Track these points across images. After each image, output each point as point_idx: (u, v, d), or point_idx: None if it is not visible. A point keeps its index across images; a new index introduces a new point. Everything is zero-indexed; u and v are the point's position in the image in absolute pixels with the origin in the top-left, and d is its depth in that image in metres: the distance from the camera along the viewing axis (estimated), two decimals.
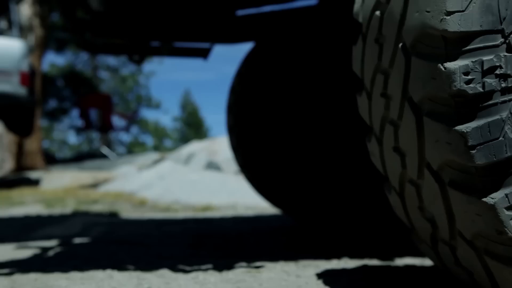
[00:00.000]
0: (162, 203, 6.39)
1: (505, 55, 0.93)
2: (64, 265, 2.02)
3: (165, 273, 1.81)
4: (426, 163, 1.06)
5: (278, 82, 3.50)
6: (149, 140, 32.70)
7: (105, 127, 13.76)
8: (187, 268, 1.94)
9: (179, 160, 8.16)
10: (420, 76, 1.01)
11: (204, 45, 3.71)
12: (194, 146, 8.72)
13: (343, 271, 1.77)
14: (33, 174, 9.50)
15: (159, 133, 31.78)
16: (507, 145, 0.93)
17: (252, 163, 3.58)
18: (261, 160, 3.51)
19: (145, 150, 27.75)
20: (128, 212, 5.61)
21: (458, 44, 0.95)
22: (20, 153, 10.62)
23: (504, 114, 0.93)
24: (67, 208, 5.89)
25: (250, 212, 5.40)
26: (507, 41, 0.93)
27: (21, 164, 10.63)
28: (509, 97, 0.93)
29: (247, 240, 3.06)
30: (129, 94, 30.76)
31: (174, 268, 1.91)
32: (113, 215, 5.25)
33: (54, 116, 26.13)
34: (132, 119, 22.74)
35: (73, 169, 10.85)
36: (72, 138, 30.66)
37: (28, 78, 7.57)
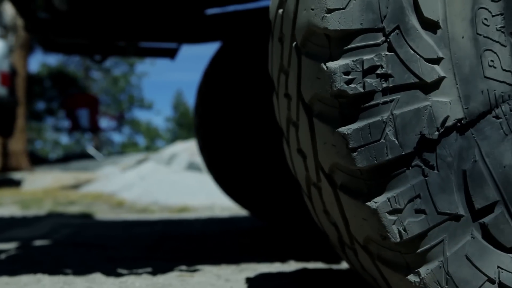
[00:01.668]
0: (140, 204, 6.35)
1: (386, 54, 0.90)
2: (0, 269, 1.98)
3: (96, 277, 1.77)
4: (320, 166, 1.03)
5: (243, 83, 3.47)
6: (141, 140, 32.61)
7: (92, 128, 13.68)
8: (124, 271, 1.90)
9: (162, 161, 8.12)
10: (309, 76, 0.98)
11: (171, 45, 3.67)
12: (177, 147, 8.68)
13: (277, 274, 1.73)
14: (16, 175, 9.43)
15: (151, 134, 31.70)
16: (388, 147, 0.90)
17: (218, 164, 3.55)
18: (226, 161, 3.48)
19: (137, 150, 27.66)
20: (104, 214, 5.57)
21: (340, 43, 0.92)
22: (4, 154, 10.55)
23: (385, 115, 0.90)
24: (43, 209, 5.83)
25: (225, 213, 5.37)
26: (388, 39, 0.90)
27: (6, 164, 10.56)
28: (391, 98, 0.90)
29: (208, 242, 3.03)
30: (121, 94, 30.66)
31: (110, 272, 1.88)
32: (87, 217, 5.20)
33: (40, 117, 26.03)
34: (120, 120, 22.65)
35: (58, 170, 10.78)
36: (65, 139, 30.52)
37: (9, 78, 7.51)
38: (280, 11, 1.13)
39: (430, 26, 0.91)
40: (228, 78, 3.48)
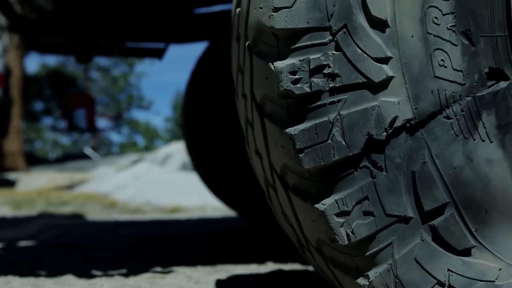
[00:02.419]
0: (133, 204, 6.34)
1: (333, 54, 0.88)
2: None
3: (67, 279, 1.76)
4: (273, 167, 1.01)
5: (230, 83, 3.45)
6: (140, 140, 32.59)
7: (89, 128, 13.67)
8: (98, 273, 1.89)
9: (156, 161, 8.10)
10: (259, 76, 0.96)
11: (159, 45, 3.66)
12: (172, 147, 8.66)
13: (249, 276, 1.72)
14: (11, 175, 9.42)
15: (150, 134, 31.69)
16: (335, 148, 0.88)
17: (205, 164, 3.55)
18: (212, 161, 3.47)
19: (136, 150, 27.63)
20: (95, 214, 5.55)
21: (287, 42, 0.90)
22: (0, 154, 10.54)
23: (332, 116, 0.88)
24: (35, 210, 5.82)
25: (217, 214, 5.35)
26: (335, 39, 0.88)
27: (2, 165, 10.55)
28: (338, 98, 0.88)
29: (192, 243, 3.02)
30: (120, 94, 30.65)
31: (84, 274, 1.86)
32: (78, 217, 5.19)
33: (39, 117, 26.03)
34: (116, 119, 22.64)
35: (54, 170, 10.77)
36: (65, 139, 30.50)
37: (2, 78, 7.50)
38: (238, 10, 1.12)
39: (378, 25, 0.89)
40: (215, 78, 3.47)
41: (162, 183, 6.89)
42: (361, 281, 0.92)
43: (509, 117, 0.93)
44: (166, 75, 66.93)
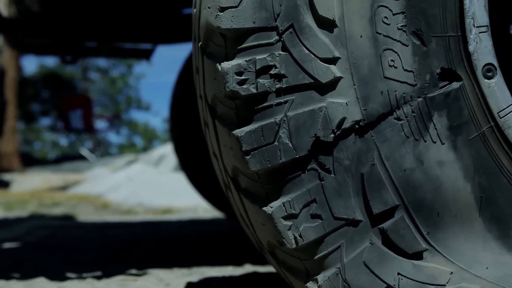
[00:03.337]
0: (125, 205, 6.33)
1: (280, 54, 0.87)
2: None
3: (39, 281, 1.74)
4: (226, 169, 1.00)
5: None
6: (139, 141, 32.57)
7: (86, 129, 13.65)
8: (72, 275, 1.88)
9: (151, 162, 8.09)
10: (209, 77, 0.95)
11: (146, 46, 3.64)
12: (167, 148, 8.64)
13: (222, 278, 1.71)
14: (6, 176, 9.40)
15: (149, 135, 31.68)
16: (281, 150, 0.87)
17: (191, 165, 3.54)
18: (198, 161, 3.46)
19: (135, 151, 27.61)
20: (87, 215, 5.54)
21: (234, 42, 0.89)
22: None
23: (279, 117, 0.87)
24: (26, 211, 5.81)
25: (208, 215, 5.34)
26: (282, 39, 0.87)
27: None
28: (285, 99, 0.87)
29: (176, 244, 3.01)
30: (119, 95, 30.63)
31: (57, 276, 1.85)
32: (68, 218, 5.18)
33: (37, 118, 26.01)
34: (113, 120, 22.62)
35: (50, 171, 10.75)
36: (64, 140, 30.49)
37: None
38: (194, 10, 1.10)
39: (326, 24, 0.88)
40: None
41: (155, 184, 6.88)
42: (310, 285, 0.90)
43: (462, 118, 0.92)
44: (165, 76, 66.91)
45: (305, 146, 0.87)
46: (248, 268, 1.97)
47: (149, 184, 6.94)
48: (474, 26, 0.93)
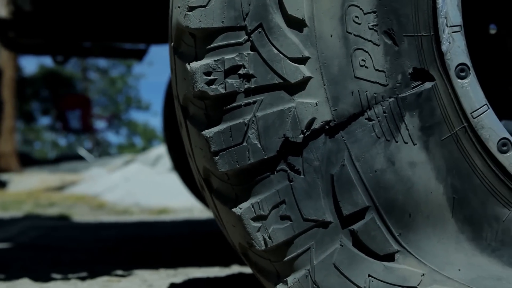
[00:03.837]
0: (121, 205, 6.32)
1: (249, 54, 0.86)
2: None
3: (22, 282, 1.74)
4: (199, 170, 0.99)
5: None
6: (139, 141, 32.55)
7: (84, 129, 13.65)
8: (57, 276, 1.87)
9: (148, 162, 8.08)
10: (180, 77, 0.94)
11: (139, 46, 3.63)
12: (163, 148, 8.63)
13: (206, 279, 1.70)
14: (3, 176, 9.39)
15: (148, 135, 31.65)
16: (250, 151, 0.86)
17: (183, 165, 3.53)
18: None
19: (135, 151, 27.58)
20: (82, 216, 5.54)
21: (203, 42, 0.88)
22: None
23: (248, 118, 0.86)
24: (22, 211, 5.80)
25: (203, 216, 5.33)
26: (250, 38, 0.86)
27: None
28: (254, 99, 0.86)
29: (167, 245, 3.00)
30: (118, 95, 30.61)
31: (42, 277, 1.84)
32: (63, 219, 5.17)
33: (36, 118, 26.01)
34: (110, 120, 22.61)
35: (48, 171, 10.75)
36: (63, 140, 30.48)
37: None
38: (169, 10, 1.10)
39: (296, 24, 0.87)
40: None
41: (151, 184, 6.87)
42: (280, 287, 0.90)
43: (434, 119, 0.91)
44: (165, 76, 66.79)
45: (274, 147, 0.86)
46: (234, 269, 1.96)
47: (145, 184, 6.93)
48: (447, 26, 0.92)
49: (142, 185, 6.96)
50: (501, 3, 1.20)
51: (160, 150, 8.44)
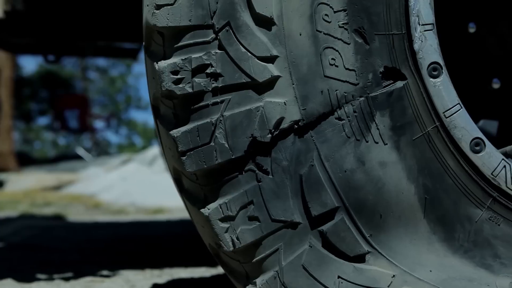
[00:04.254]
0: (117, 205, 6.31)
1: (216, 53, 0.85)
2: None
3: (6, 283, 1.73)
4: (170, 169, 0.98)
5: None
6: (139, 141, 32.54)
7: (81, 129, 13.65)
8: (42, 276, 1.86)
9: (144, 162, 8.08)
10: (150, 76, 0.93)
11: (133, 45, 3.62)
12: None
13: (190, 280, 1.69)
14: (1, 176, 9.38)
15: (148, 134, 31.64)
16: (217, 151, 0.85)
17: None
18: None
19: (135, 151, 27.56)
20: (77, 215, 5.53)
21: (171, 41, 0.87)
22: None
23: (215, 117, 0.85)
24: (17, 211, 5.79)
25: None
26: (218, 37, 0.85)
27: None
28: (221, 99, 0.85)
29: (158, 245, 3.00)
30: (118, 95, 30.59)
31: (26, 278, 1.84)
32: (58, 218, 5.16)
33: (35, 118, 26.02)
34: (109, 120, 22.60)
35: (46, 170, 10.74)
36: (62, 139, 30.47)
37: None
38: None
39: (264, 22, 0.86)
40: None
41: (148, 183, 6.86)
42: None
43: (405, 118, 0.90)
44: None
45: (242, 147, 0.85)
46: (221, 270, 1.95)
47: (142, 184, 6.92)
48: (419, 24, 0.91)
49: (138, 184, 6.96)
50: (480, 1, 1.19)
51: (157, 150, 8.44)
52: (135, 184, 7.00)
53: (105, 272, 1.90)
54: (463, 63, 1.20)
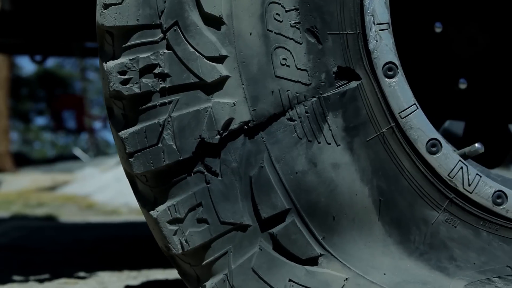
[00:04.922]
0: (110, 206, 6.29)
1: (164, 52, 0.83)
2: None
3: None
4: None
5: None
6: None
7: (78, 129, 13.64)
8: (17, 278, 1.85)
9: None
10: (101, 77, 0.92)
11: None
12: None
13: (164, 281, 1.68)
14: None
15: None
16: (165, 152, 0.84)
17: None
18: None
19: None
20: (70, 216, 5.51)
21: (119, 40, 0.86)
22: None
23: (163, 118, 0.84)
24: (10, 211, 5.78)
25: None
26: (166, 36, 0.84)
27: None
28: (169, 99, 0.84)
29: (144, 246, 2.98)
30: None
31: (4, 279, 1.82)
32: (50, 219, 5.15)
33: (34, 118, 26.03)
34: (105, 120, 22.55)
35: (42, 171, 10.72)
36: (62, 139, 30.48)
37: None
38: None
39: (213, 22, 0.84)
40: None
41: None
42: None
43: (359, 119, 0.89)
44: None
45: (190, 148, 0.83)
46: None
47: None
48: (374, 24, 0.89)
49: None
50: (447, 1, 1.18)
51: None
52: (129, 185, 6.97)
53: (81, 274, 1.89)
54: (429, 63, 1.19)
